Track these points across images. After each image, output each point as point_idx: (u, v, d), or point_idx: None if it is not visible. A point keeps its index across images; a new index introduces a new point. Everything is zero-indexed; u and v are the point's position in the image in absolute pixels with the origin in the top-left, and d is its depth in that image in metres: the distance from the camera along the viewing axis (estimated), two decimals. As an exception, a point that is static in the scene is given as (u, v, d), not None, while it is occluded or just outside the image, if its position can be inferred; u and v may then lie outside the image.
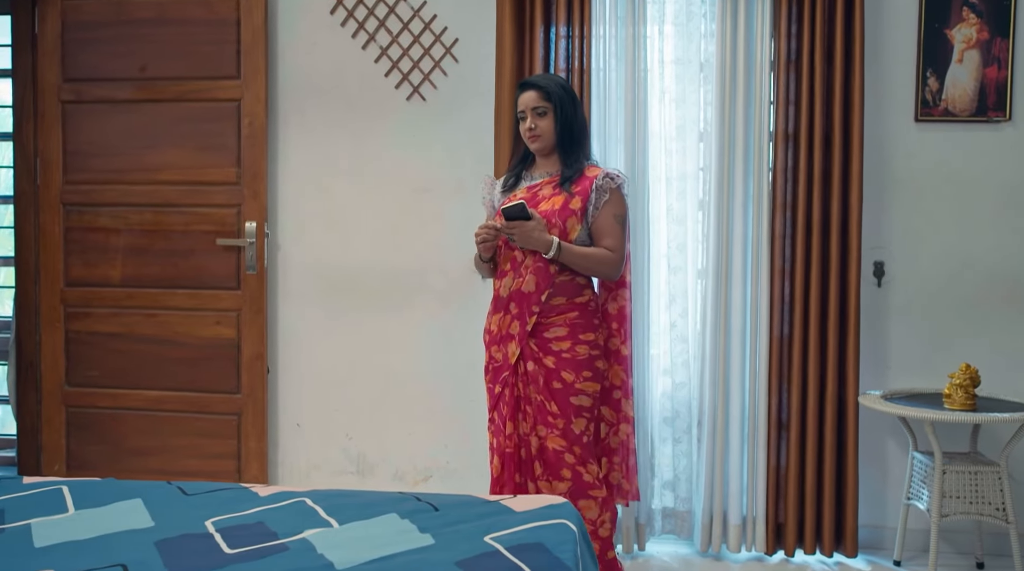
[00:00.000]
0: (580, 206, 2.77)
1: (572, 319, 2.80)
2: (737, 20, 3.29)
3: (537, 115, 2.81)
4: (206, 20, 3.61)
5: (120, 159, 3.71)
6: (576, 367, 2.78)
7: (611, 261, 2.80)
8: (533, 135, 2.83)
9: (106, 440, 3.76)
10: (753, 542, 3.36)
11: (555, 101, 2.80)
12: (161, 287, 3.71)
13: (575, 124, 2.84)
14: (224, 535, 2.00)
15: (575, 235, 2.78)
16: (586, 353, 2.79)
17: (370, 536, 2.01)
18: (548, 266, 2.77)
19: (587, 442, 2.81)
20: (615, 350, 2.90)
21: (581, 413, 2.80)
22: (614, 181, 2.81)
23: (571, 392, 2.79)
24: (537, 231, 2.73)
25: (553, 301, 2.79)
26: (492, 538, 2.01)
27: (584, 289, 2.83)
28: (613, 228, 2.80)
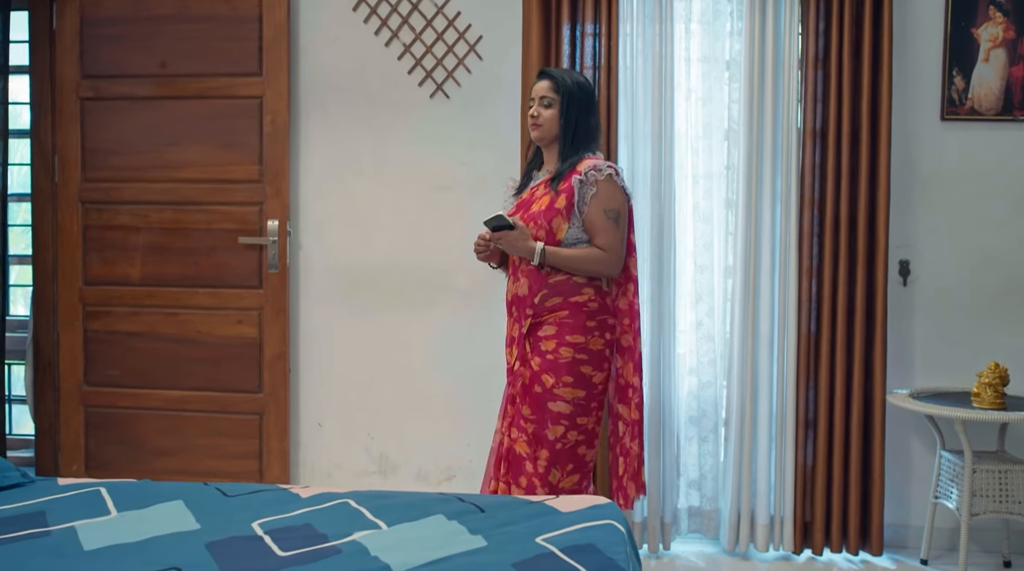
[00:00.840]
0: (565, 204, 2.70)
1: (562, 318, 2.72)
2: (765, 18, 3.28)
3: (543, 105, 2.78)
4: (227, 16, 3.58)
5: (140, 156, 3.67)
6: (556, 371, 2.70)
7: (602, 260, 2.72)
8: (534, 123, 2.79)
9: (125, 440, 3.73)
10: (781, 541, 3.36)
11: (563, 94, 2.75)
12: (182, 286, 3.68)
13: (581, 124, 2.76)
14: (274, 537, 1.98)
15: (563, 235, 2.71)
16: (569, 356, 2.70)
17: (421, 538, 2.00)
18: (540, 269, 2.73)
19: (560, 450, 2.71)
20: (627, 347, 2.81)
21: (559, 420, 2.70)
22: (600, 173, 2.70)
23: (548, 397, 2.71)
24: (520, 241, 2.70)
25: (548, 301, 2.74)
26: (543, 539, 2.00)
27: (583, 288, 2.74)
28: (604, 224, 2.70)
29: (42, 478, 2.42)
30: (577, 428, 2.73)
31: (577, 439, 2.74)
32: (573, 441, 2.73)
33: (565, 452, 2.72)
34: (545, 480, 2.72)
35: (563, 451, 2.72)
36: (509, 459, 2.78)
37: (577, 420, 2.72)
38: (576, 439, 2.74)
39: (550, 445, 2.71)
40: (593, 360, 2.73)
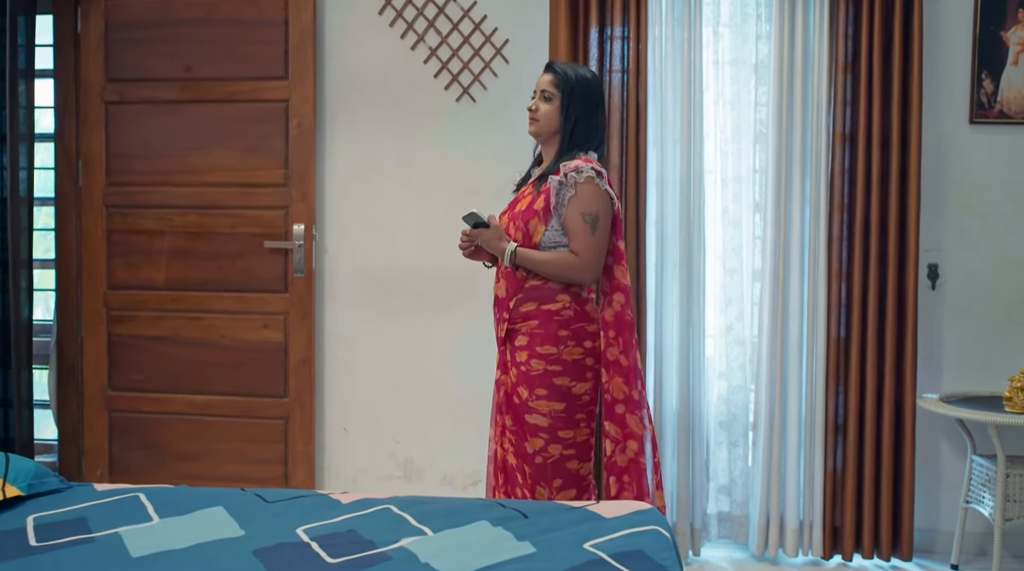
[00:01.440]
0: (543, 205, 2.61)
1: (532, 329, 2.63)
2: (795, 21, 3.27)
3: (543, 99, 2.67)
4: (253, 20, 3.57)
5: (165, 160, 3.67)
6: (529, 383, 2.62)
7: (573, 265, 2.60)
8: (532, 117, 2.69)
9: (149, 445, 3.72)
10: (810, 546, 3.35)
11: (564, 90, 2.64)
12: (206, 290, 3.66)
13: (582, 121, 2.64)
14: (321, 544, 1.97)
15: (539, 237, 2.62)
16: (541, 368, 2.61)
17: (468, 544, 1.99)
18: (515, 271, 2.66)
19: (540, 464, 2.63)
20: (613, 361, 2.64)
21: (537, 433, 2.63)
22: (580, 174, 2.57)
23: (524, 409, 2.64)
24: (494, 240, 2.65)
25: (522, 306, 2.65)
26: (591, 546, 1.99)
27: (558, 294, 2.63)
28: (580, 229, 2.58)
29: (80, 484, 2.41)
30: (560, 442, 2.63)
31: (563, 453, 2.64)
32: (557, 455, 2.64)
33: (549, 467, 2.63)
34: (534, 495, 2.65)
35: (545, 465, 2.63)
36: (505, 470, 2.73)
37: (559, 433, 2.63)
38: (562, 453, 2.64)
39: (530, 459, 2.64)
40: (570, 371, 2.63)
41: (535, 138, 2.74)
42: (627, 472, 2.67)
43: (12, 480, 2.23)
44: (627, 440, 2.67)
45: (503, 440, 2.72)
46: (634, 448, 2.67)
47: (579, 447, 2.67)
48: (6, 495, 2.19)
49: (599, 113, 2.71)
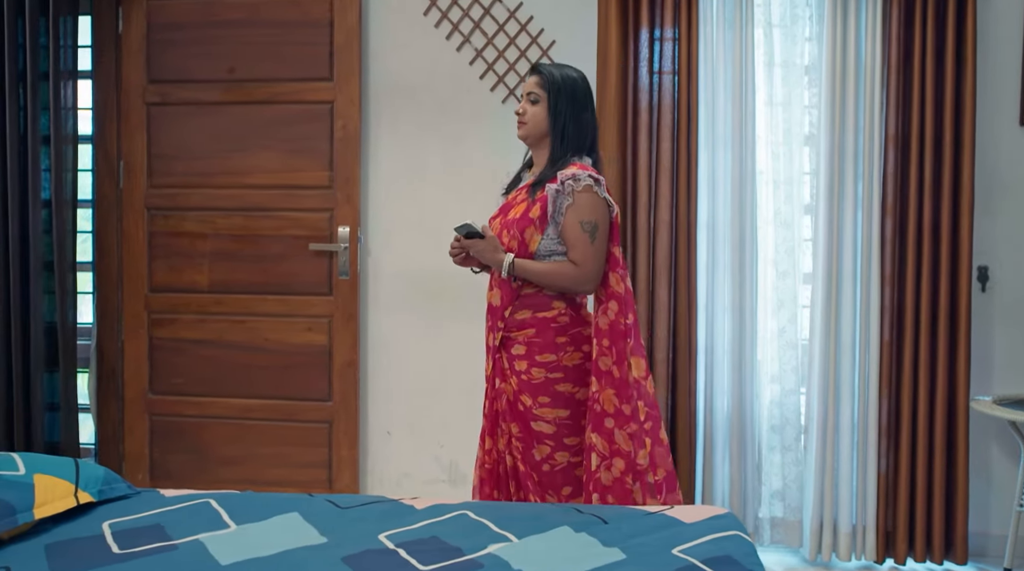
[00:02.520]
0: (539, 214, 2.55)
1: (530, 337, 2.59)
2: (847, 23, 3.26)
3: (530, 101, 2.61)
4: (298, 21, 3.55)
5: (207, 162, 3.64)
6: (532, 391, 2.58)
7: (572, 276, 2.55)
8: (519, 120, 2.64)
9: (191, 449, 3.69)
10: (863, 550, 3.33)
11: (550, 91, 2.58)
12: (250, 293, 3.64)
13: (571, 122, 2.58)
14: (408, 551, 1.94)
15: (535, 246, 2.56)
16: (542, 377, 2.57)
17: (556, 550, 1.96)
18: (512, 281, 2.61)
19: (548, 471, 2.58)
20: (606, 371, 2.54)
21: (543, 440, 2.59)
22: (578, 182, 2.52)
23: (530, 417, 2.59)
24: (489, 251, 2.59)
25: (518, 315, 2.61)
26: (680, 551, 1.97)
27: (553, 301, 2.59)
28: (579, 238, 2.53)
29: (146, 489, 2.38)
30: (567, 449, 2.59)
31: (571, 460, 2.60)
32: (565, 463, 2.60)
33: (557, 474, 2.59)
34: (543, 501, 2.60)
35: (554, 473, 2.59)
36: (517, 479, 2.67)
37: (564, 440, 2.59)
38: (569, 460, 2.60)
39: (537, 466, 2.60)
40: (571, 377, 2.59)
41: (524, 141, 2.70)
42: (611, 492, 2.56)
43: (84, 486, 2.20)
44: (614, 457, 2.56)
45: (511, 448, 2.66)
46: (620, 467, 2.56)
47: None
48: (79, 501, 2.16)
49: (588, 112, 2.64)
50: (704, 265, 3.37)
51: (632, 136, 3.37)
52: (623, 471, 2.56)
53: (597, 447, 2.56)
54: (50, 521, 2.09)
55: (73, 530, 2.05)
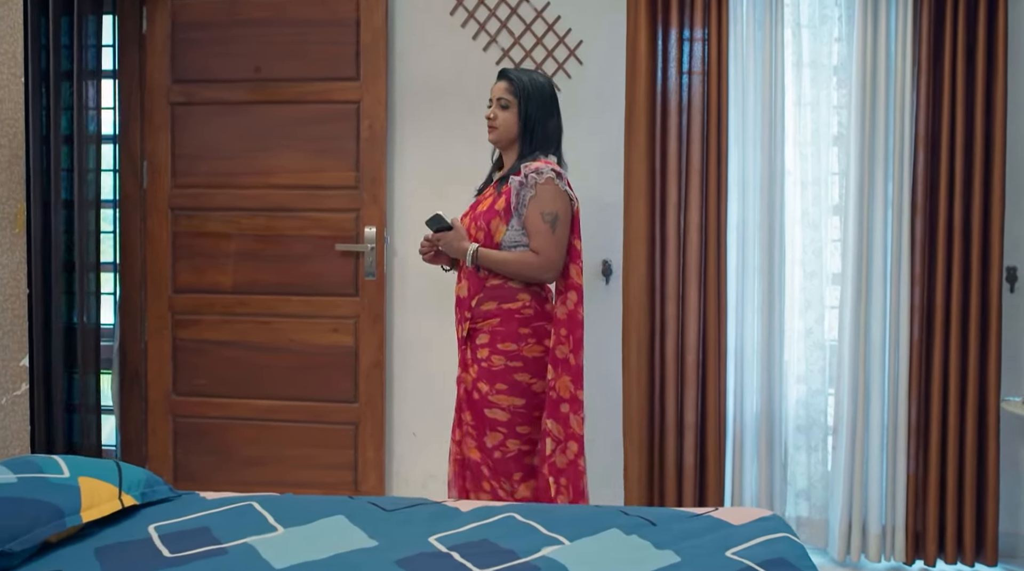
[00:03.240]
0: (504, 206, 2.69)
1: (494, 326, 2.71)
2: (878, 23, 3.25)
3: (500, 106, 2.76)
4: (324, 20, 3.53)
5: (232, 162, 3.62)
6: (490, 378, 2.69)
7: (533, 264, 2.68)
8: (490, 125, 2.78)
9: (215, 451, 3.67)
10: (892, 551, 3.32)
11: (520, 96, 2.73)
12: (274, 293, 3.62)
13: (539, 126, 2.74)
14: (462, 554, 1.92)
15: (500, 237, 2.70)
16: (502, 364, 2.69)
17: (609, 552, 1.95)
18: (478, 271, 2.72)
19: (499, 458, 2.71)
20: (563, 359, 2.70)
21: (496, 427, 2.71)
22: (540, 175, 2.67)
23: (485, 404, 2.71)
24: (456, 241, 2.73)
25: (483, 306, 2.73)
26: (734, 554, 1.96)
27: (519, 293, 2.72)
28: (540, 228, 2.67)
29: (185, 492, 2.36)
30: (519, 437, 2.72)
31: (521, 448, 2.73)
32: (516, 450, 2.72)
33: (508, 461, 2.71)
34: (499, 490, 2.72)
35: (504, 460, 2.71)
36: (469, 467, 2.77)
37: (517, 429, 2.71)
38: (520, 448, 2.73)
39: (489, 453, 2.71)
40: (530, 368, 2.71)
41: (495, 145, 2.83)
42: (564, 474, 2.71)
43: (127, 489, 2.18)
44: (568, 441, 2.71)
45: (465, 439, 2.77)
46: (574, 450, 2.72)
47: (535, 444, 2.74)
48: (124, 504, 2.14)
49: (555, 117, 2.79)
50: (734, 266, 3.36)
51: (661, 137, 3.36)
52: (577, 453, 2.73)
53: (552, 432, 2.71)
54: (95, 524, 2.07)
55: (120, 533, 2.04)
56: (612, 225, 3.51)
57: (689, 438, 3.36)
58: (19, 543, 1.84)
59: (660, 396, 3.40)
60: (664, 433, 3.40)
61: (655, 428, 3.40)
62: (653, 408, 3.40)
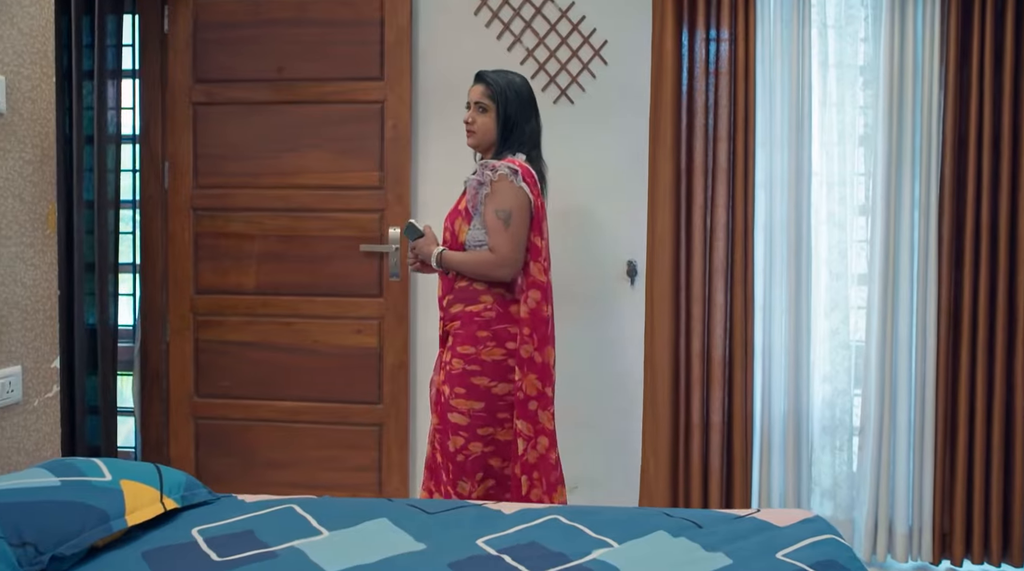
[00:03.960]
0: (465, 205, 2.72)
1: (455, 329, 2.73)
2: (905, 23, 3.25)
3: (478, 110, 2.75)
4: (348, 20, 3.52)
5: (254, 163, 3.60)
6: (450, 381, 2.70)
7: (488, 263, 2.67)
8: (469, 130, 2.78)
9: (237, 453, 3.65)
10: (919, 552, 3.32)
11: (499, 100, 2.72)
12: (298, 294, 3.60)
13: (518, 130, 2.74)
14: (514, 557, 1.91)
15: (464, 237, 2.72)
16: (460, 368, 2.69)
17: (660, 555, 1.94)
18: (446, 273, 2.76)
19: (461, 462, 2.70)
20: (528, 358, 2.69)
21: (457, 431, 2.70)
22: (495, 172, 2.66)
23: (448, 408, 2.72)
24: (426, 246, 2.76)
25: (452, 308, 2.75)
26: (785, 556, 1.95)
27: (480, 296, 2.71)
28: (494, 225, 2.66)
29: (224, 495, 2.34)
30: (480, 440, 2.71)
31: (484, 451, 2.72)
32: (478, 452, 2.71)
33: (469, 463, 2.70)
34: (455, 491, 2.72)
35: (466, 463, 2.70)
36: (432, 467, 2.79)
37: (478, 431, 2.70)
38: (483, 451, 2.72)
39: (451, 456, 2.71)
40: (489, 371, 2.69)
41: (474, 149, 2.82)
42: (536, 468, 2.72)
43: (168, 492, 2.17)
44: (538, 436, 2.72)
45: (432, 438, 2.79)
46: (544, 444, 2.73)
47: (500, 445, 2.73)
48: (165, 508, 2.13)
49: (533, 117, 2.78)
50: (761, 267, 3.36)
51: (687, 137, 3.35)
52: (547, 447, 2.74)
53: (523, 432, 2.71)
54: (137, 528, 2.06)
55: (164, 537, 2.02)
56: (636, 226, 3.50)
57: (715, 439, 3.36)
58: (69, 547, 1.82)
59: (686, 397, 3.39)
60: (690, 434, 3.39)
61: (680, 429, 3.39)
62: (678, 409, 3.39)
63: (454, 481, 2.71)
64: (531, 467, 2.72)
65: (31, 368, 2.53)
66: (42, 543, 1.78)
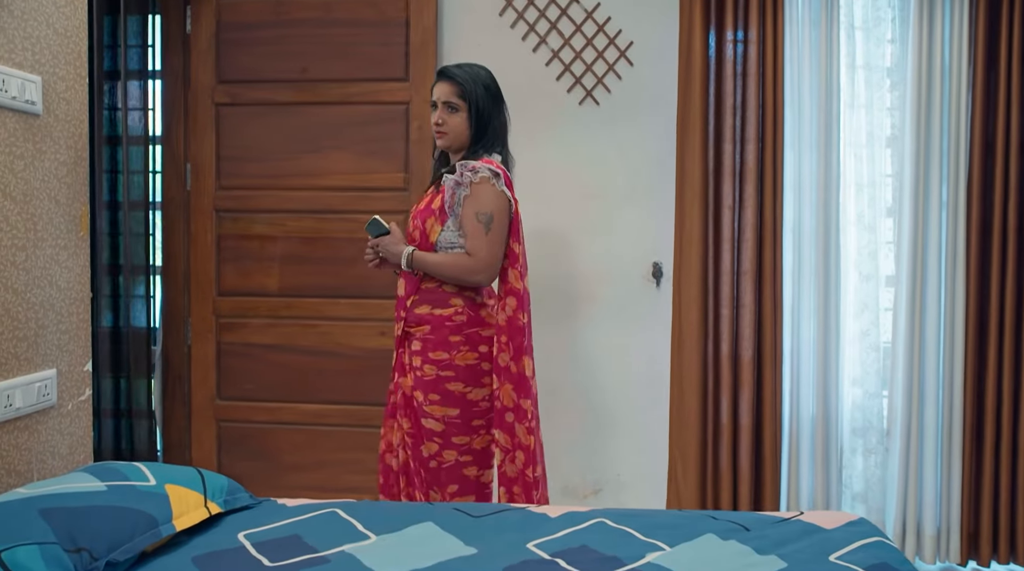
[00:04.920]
0: (440, 205, 2.61)
1: (425, 334, 2.62)
2: (933, 25, 3.25)
3: (448, 110, 2.63)
4: (373, 21, 3.50)
5: (278, 164, 3.58)
6: (423, 388, 2.61)
7: (467, 267, 2.58)
8: (439, 131, 2.65)
9: (260, 456, 3.63)
10: (947, 553, 3.32)
11: (470, 100, 2.62)
12: (322, 296, 3.58)
13: (490, 125, 2.65)
14: (567, 561, 1.90)
15: (435, 237, 2.61)
16: (433, 374, 2.60)
17: (714, 559, 1.93)
18: (413, 273, 2.65)
19: (434, 468, 2.62)
20: (504, 367, 2.60)
21: (431, 437, 2.62)
22: (476, 174, 2.57)
23: (421, 413, 2.63)
24: (392, 245, 2.63)
25: (417, 309, 2.64)
26: (838, 558, 1.94)
27: (451, 299, 2.62)
28: (474, 229, 2.56)
29: (264, 499, 2.33)
30: (455, 448, 2.62)
31: (459, 459, 2.63)
32: (453, 461, 2.63)
33: (443, 472, 2.62)
34: (427, 498, 2.64)
35: (440, 470, 2.62)
36: (406, 473, 2.71)
37: (453, 439, 2.62)
38: (458, 459, 2.63)
39: (424, 463, 2.63)
40: (463, 376, 2.61)
41: (445, 150, 2.71)
42: (516, 483, 2.65)
43: (211, 496, 2.15)
44: (516, 451, 2.63)
45: (403, 443, 2.69)
46: (522, 459, 2.63)
47: (477, 454, 2.65)
48: (211, 512, 2.11)
49: (502, 112, 2.70)
50: (789, 269, 3.35)
51: (715, 138, 3.35)
52: (524, 463, 2.63)
53: (500, 442, 2.63)
54: (183, 533, 2.04)
55: (210, 542, 2.00)
56: (661, 227, 3.50)
57: (744, 441, 3.35)
58: (122, 552, 1.80)
59: (714, 399, 3.38)
60: (718, 436, 3.38)
61: (708, 431, 3.38)
62: (706, 411, 3.38)
63: (426, 490, 2.64)
64: (511, 481, 2.65)
65: (65, 371, 2.50)
66: (96, 548, 1.76)
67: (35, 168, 2.37)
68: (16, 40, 2.29)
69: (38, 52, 2.37)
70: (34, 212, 2.36)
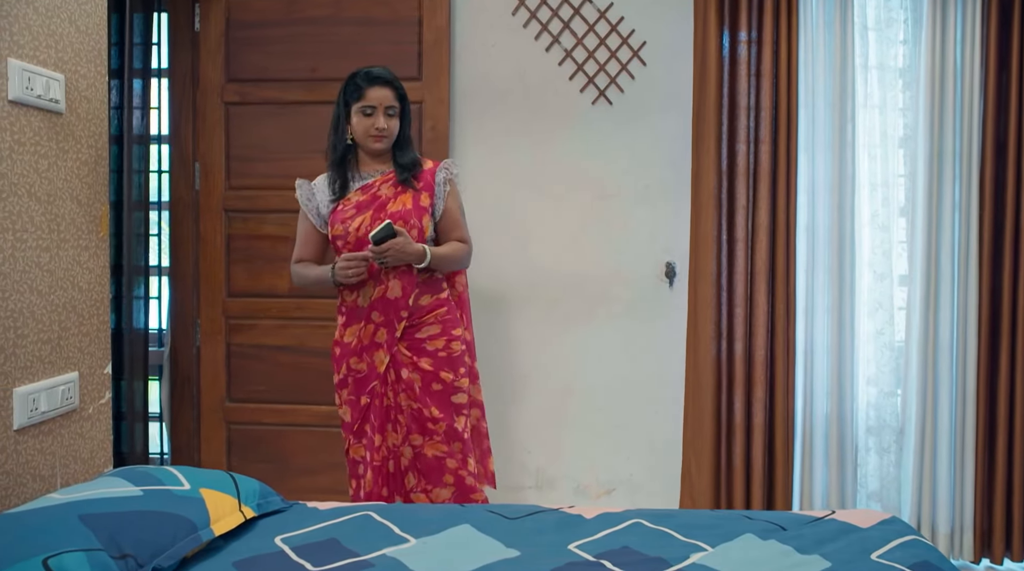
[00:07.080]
0: (429, 202, 2.75)
1: (443, 316, 2.75)
2: (946, 25, 3.27)
3: (389, 115, 2.73)
4: (385, 19, 3.48)
5: (288, 163, 3.54)
6: (452, 365, 2.73)
7: (468, 253, 2.84)
8: (381, 135, 2.71)
9: (271, 458, 3.59)
10: (960, 551, 3.34)
11: (403, 102, 2.78)
12: (333, 297, 3.53)
13: (408, 121, 2.82)
14: (614, 562, 1.89)
15: (429, 232, 2.76)
16: (460, 349, 2.76)
17: (758, 559, 1.93)
18: (412, 269, 2.70)
19: (468, 438, 2.78)
20: (470, 340, 2.90)
21: (461, 411, 2.76)
22: (451, 171, 2.80)
23: (451, 391, 2.74)
24: (408, 246, 2.64)
25: (421, 301, 2.73)
26: (879, 557, 1.95)
27: (443, 284, 2.80)
28: (460, 219, 2.82)
29: (295, 502, 2.30)
30: (479, 407, 2.91)
31: (478, 419, 2.91)
32: (476, 422, 2.89)
33: (469, 441, 2.79)
34: (467, 472, 2.74)
35: (472, 438, 2.83)
36: (421, 467, 2.73)
37: (471, 407, 2.86)
38: (476, 420, 2.90)
39: (460, 436, 2.73)
40: (470, 349, 2.87)
41: (376, 153, 2.77)
42: (472, 440, 2.85)
43: (245, 500, 2.13)
44: (471, 408, 2.84)
45: (412, 437, 2.72)
46: (476, 414, 2.89)
47: (481, 408, 2.94)
48: (245, 516, 2.08)
49: None
50: (803, 268, 3.37)
51: (729, 139, 3.36)
52: (480, 417, 2.91)
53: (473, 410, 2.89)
54: (220, 538, 2.01)
55: (249, 547, 1.98)
56: (674, 227, 3.50)
57: (758, 440, 3.36)
58: (166, 558, 1.78)
59: (728, 398, 3.39)
60: (732, 435, 3.39)
61: (722, 430, 3.39)
62: (720, 410, 3.39)
63: (464, 459, 2.73)
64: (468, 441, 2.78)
65: (86, 374, 2.47)
66: (140, 555, 1.73)
67: (58, 168, 2.33)
68: (40, 38, 2.25)
69: (61, 50, 2.33)
70: (57, 213, 2.33)
